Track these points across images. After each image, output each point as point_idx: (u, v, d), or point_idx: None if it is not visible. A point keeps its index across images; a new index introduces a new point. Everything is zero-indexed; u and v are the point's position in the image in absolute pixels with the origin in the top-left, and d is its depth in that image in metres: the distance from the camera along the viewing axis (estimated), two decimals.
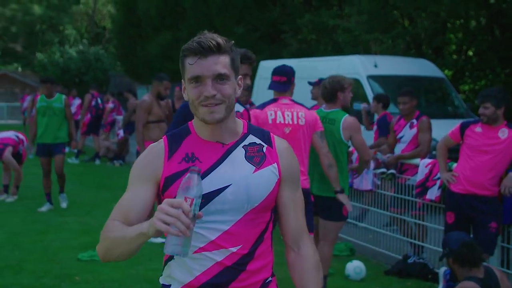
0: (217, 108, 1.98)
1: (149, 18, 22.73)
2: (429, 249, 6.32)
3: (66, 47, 36.66)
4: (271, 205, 2.08)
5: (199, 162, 2.01)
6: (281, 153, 2.12)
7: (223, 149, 2.05)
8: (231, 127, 2.08)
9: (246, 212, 2.01)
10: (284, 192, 2.11)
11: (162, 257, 2.07)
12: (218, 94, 1.97)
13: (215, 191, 1.98)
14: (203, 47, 1.96)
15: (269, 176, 2.06)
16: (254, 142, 2.10)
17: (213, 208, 1.97)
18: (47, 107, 8.85)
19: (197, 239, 1.95)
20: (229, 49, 2.01)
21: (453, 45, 16.95)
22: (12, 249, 6.70)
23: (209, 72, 1.96)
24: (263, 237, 2.07)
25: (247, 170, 2.03)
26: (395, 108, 9.95)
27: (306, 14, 17.27)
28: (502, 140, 5.08)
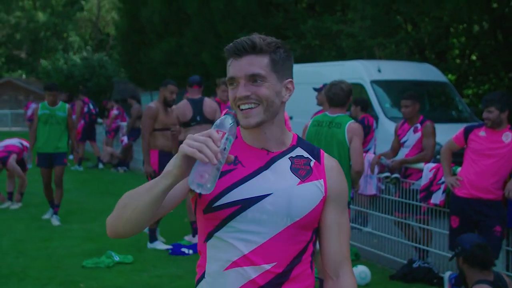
0: (253, 112, 1.88)
1: (152, 24, 22.79)
2: (434, 254, 6.31)
3: (70, 54, 36.84)
4: (313, 224, 1.95)
5: (242, 166, 1.91)
6: (329, 171, 1.99)
7: (268, 156, 1.94)
8: (277, 135, 1.96)
9: (286, 227, 1.88)
10: (328, 213, 1.97)
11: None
12: (252, 95, 1.87)
13: (253, 198, 1.86)
14: (237, 48, 1.89)
15: (314, 191, 1.93)
16: (302, 155, 1.98)
17: (250, 216, 1.86)
18: (50, 115, 8.51)
19: (229, 251, 1.86)
20: (269, 49, 1.90)
21: (456, 49, 16.95)
22: (16, 256, 6.70)
23: (242, 72, 1.88)
24: (301, 257, 1.93)
25: (291, 182, 1.91)
26: (398, 113, 9.96)
27: (309, 19, 17.29)
28: (506, 144, 5.09)
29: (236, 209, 1.85)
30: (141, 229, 1.84)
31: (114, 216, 1.84)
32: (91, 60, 35.52)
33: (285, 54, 1.95)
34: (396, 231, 6.81)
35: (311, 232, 1.96)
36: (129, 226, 1.82)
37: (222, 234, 1.88)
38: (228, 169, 1.89)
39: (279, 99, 1.93)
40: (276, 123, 1.95)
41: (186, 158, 1.70)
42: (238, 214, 1.85)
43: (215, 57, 18.82)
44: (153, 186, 1.76)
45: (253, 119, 1.88)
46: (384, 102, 10.47)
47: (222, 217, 1.87)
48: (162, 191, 1.75)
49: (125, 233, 1.85)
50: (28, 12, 45.62)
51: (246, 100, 1.87)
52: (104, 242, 7.26)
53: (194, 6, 20.20)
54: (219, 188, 1.86)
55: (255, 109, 1.88)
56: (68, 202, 9.63)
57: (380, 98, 10.40)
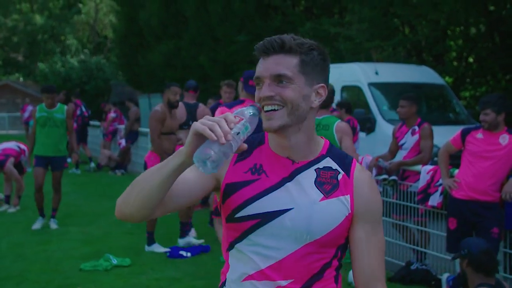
0: (276, 114, 1.78)
1: (150, 27, 22.78)
2: (432, 256, 6.32)
3: (68, 57, 36.81)
4: (337, 241, 1.85)
5: (266, 176, 1.83)
6: (358, 185, 1.86)
7: (292, 167, 1.84)
8: (303, 143, 1.85)
9: (305, 244, 1.79)
10: (357, 230, 1.86)
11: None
12: (276, 96, 1.78)
13: (273, 212, 1.79)
14: (265, 46, 1.80)
15: (338, 208, 1.82)
16: (330, 167, 1.87)
17: (269, 231, 1.79)
18: (48, 117, 8.25)
19: (247, 264, 1.82)
20: (300, 49, 1.81)
21: (454, 52, 16.99)
22: (14, 260, 6.70)
23: (267, 72, 1.79)
24: (323, 274, 1.84)
25: (313, 197, 1.81)
26: (395, 115, 9.98)
27: (307, 22, 17.32)
28: (503, 146, 5.11)
29: (256, 222, 1.80)
30: (148, 211, 1.74)
31: (123, 196, 1.78)
32: (88, 63, 35.49)
33: (320, 57, 1.86)
34: (394, 233, 6.82)
35: (335, 249, 1.86)
36: (136, 207, 1.73)
37: (241, 246, 1.84)
38: (252, 179, 1.83)
39: (307, 103, 1.82)
40: (303, 129, 1.84)
41: (197, 136, 1.63)
42: (258, 228, 1.80)
43: (213, 60, 18.84)
44: (164, 164, 1.70)
45: (275, 121, 1.78)
46: (382, 104, 10.49)
47: (242, 229, 1.83)
48: (173, 170, 1.68)
49: (131, 214, 1.76)
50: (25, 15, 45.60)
51: (269, 101, 1.78)
52: (102, 245, 7.26)
53: (192, 9, 20.21)
54: (242, 198, 1.82)
55: (278, 111, 1.78)
56: (66, 205, 9.62)
57: (377, 101, 10.41)
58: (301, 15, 18.89)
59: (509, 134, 5.13)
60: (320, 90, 1.86)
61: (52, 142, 8.22)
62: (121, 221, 8.29)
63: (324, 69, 1.89)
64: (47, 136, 8.21)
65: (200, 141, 1.63)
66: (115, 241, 7.54)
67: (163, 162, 1.71)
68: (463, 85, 16.84)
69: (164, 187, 1.70)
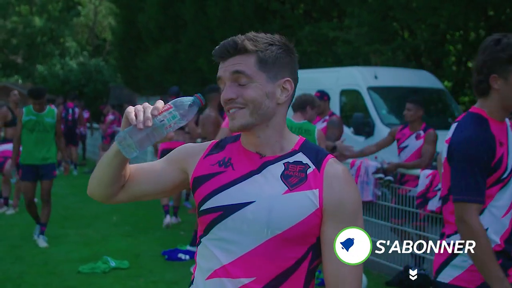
0: (239, 113, 1.77)
1: (149, 30, 22.79)
2: (430, 260, 6.31)
3: (67, 59, 36.79)
4: (305, 239, 1.75)
5: (232, 169, 1.81)
6: (329, 179, 1.77)
7: (260, 161, 1.81)
8: (273, 139, 1.82)
9: (267, 239, 1.72)
10: (326, 228, 1.75)
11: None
12: (238, 99, 1.76)
13: (236, 205, 1.75)
14: (220, 50, 1.80)
15: (303, 202, 1.74)
16: (300, 161, 1.81)
17: (231, 224, 1.75)
18: (37, 121, 7.48)
19: (210, 259, 1.78)
20: (255, 47, 1.77)
21: (453, 56, 17.00)
22: (12, 262, 6.68)
23: (225, 73, 1.79)
24: (288, 276, 1.74)
25: (276, 190, 1.75)
26: (395, 119, 9.99)
27: (306, 26, 17.34)
28: None
29: (218, 215, 1.77)
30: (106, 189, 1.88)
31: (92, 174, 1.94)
32: (87, 66, 35.50)
33: (280, 51, 1.81)
34: (392, 237, 6.82)
35: (306, 248, 1.76)
36: (94, 184, 1.90)
37: (206, 241, 1.81)
38: (217, 171, 1.82)
39: (272, 100, 1.79)
40: (271, 126, 1.81)
41: (126, 120, 1.73)
42: (220, 221, 1.76)
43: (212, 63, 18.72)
44: (110, 148, 1.83)
45: (237, 121, 1.77)
46: (381, 108, 10.50)
47: (206, 222, 1.80)
48: (113, 154, 1.80)
49: (94, 190, 1.92)
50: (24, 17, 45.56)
51: (232, 104, 1.78)
52: (100, 247, 7.25)
53: (190, 12, 20.22)
54: (206, 191, 1.81)
55: (240, 111, 1.77)
56: (64, 208, 9.61)
57: (376, 105, 10.42)
58: (300, 19, 18.90)
59: None
60: (286, 85, 1.82)
61: (41, 149, 7.49)
62: (120, 224, 8.32)
63: (288, 63, 1.84)
64: (35, 142, 7.47)
65: (129, 124, 1.72)
66: (113, 244, 7.53)
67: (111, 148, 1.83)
68: (462, 89, 16.85)
69: (110, 169, 1.82)
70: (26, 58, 46.31)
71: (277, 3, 18.49)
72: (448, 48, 16.25)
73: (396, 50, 15.12)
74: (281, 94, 1.81)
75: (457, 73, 15.80)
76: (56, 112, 7.72)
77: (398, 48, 15.12)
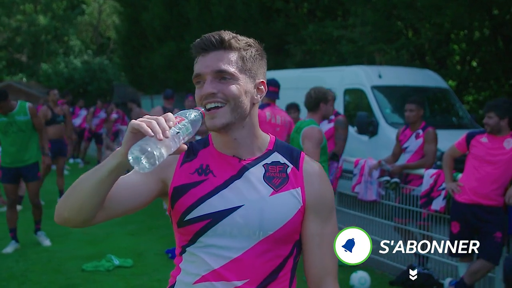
0: (219, 112, 1.74)
1: (153, 28, 22.82)
2: (434, 260, 6.30)
3: (71, 58, 36.88)
4: (292, 236, 1.80)
5: (213, 176, 1.79)
6: (309, 177, 1.83)
7: (239, 164, 1.80)
8: (248, 141, 1.82)
9: (259, 241, 1.74)
10: (309, 223, 1.81)
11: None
12: (219, 94, 1.73)
13: (224, 211, 1.74)
14: (204, 43, 1.77)
15: (289, 201, 1.78)
16: (278, 161, 1.84)
17: (220, 230, 1.74)
18: (9, 123, 6.88)
19: (199, 265, 1.77)
20: (239, 46, 1.78)
21: (457, 55, 16.97)
22: (16, 260, 6.70)
23: (208, 68, 1.75)
24: (277, 274, 1.78)
25: (263, 192, 1.77)
26: (398, 119, 9.97)
27: (310, 25, 17.32)
28: (507, 150, 5.11)
29: (207, 223, 1.75)
30: (86, 215, 1.65)
31: (62, 198, 1.68)
32: (91, 64, 35.60)
33: (257, 53, 1.83)
34: (396, 237, 6.81)
35: (291, 245, 1.81)
36: (74, 210, 1.64)
37: (194, 249, 1.79)
38: (199, 180, 1.79)
39: (249, 100, 1.79)
40: (246, 126, 1.81)
41: (133, 134, 1.54)
42: (209, 229, 1.74)
43: None
44: (101, 166, 1.61)
45: (219, 119, 1.74)
46: (385, 107, 10.48)
47: (193, 231, 1.77)
48: (109, 171, 1.58)
49: (70, 217, 1.67)
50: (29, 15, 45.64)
51: (212, 99, 1.74)
52: (104, 245, 7.26)
53: (195, 11, 20.24)
54: (191, 200, 1.77)
55: (221, 109, 1.74)
56: None
57: (380, 104, 10.41)
58: (304, 18, 18.90)
59: None
60: (261, 86, 1.84)
61: (20, 151, 6.97)
62: (124, 222, 8.34)
63: (262, 66, 1.86)
64: (11, 145, 6.93)
65: (137, 139, 1.54)
66: (117, 242, 7.55)
67: (100, 164, 1.62)
68: (466, 89, 16.83)
69: (100, 190, 1.61)
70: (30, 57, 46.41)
71: (281, 2, 18.48)
72: (452, 47, 16.22)
73: (400, 49, 15.10)
74: (256, 95, 1.83)
75: (461, 72, 15.77)
76: (28, 106, 7.04)
77: (402, 47, 15.10)
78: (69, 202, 1.65)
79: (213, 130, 1.77)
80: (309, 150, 5.21)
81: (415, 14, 14.09)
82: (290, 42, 18.02)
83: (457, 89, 15.69)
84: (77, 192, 1.63)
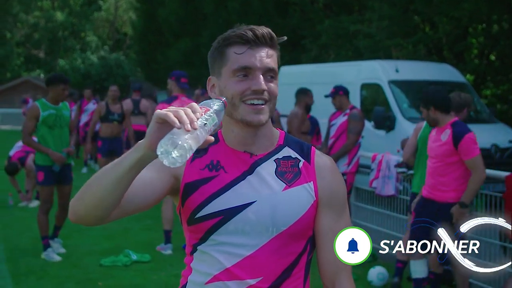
0: (264, 108, 1.71)
1: (169, 24, 22.88)
2: None
3: (88, 53, 37.07)
4: (305, 232, 1.77)
5: (225, 172, 1.75)
6: (320, 171, 1.80)
7: (251, 160, 1.77)
8: (265, 136, 1.80)
9: (272, 237, 1.71)
10: (322, 218, 1.78)
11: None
12: (265, 92, 1.71)
13: (236, 208, 1.71)
14: (257, 36, 1.71)
15: (303, 196, 1.75)
16: (289, 156, 1.81)
17: (232, 228, 1.70)
18: (57, 116, 6.45)
19: (211, 264, 1.74)
20: (277, 45, 1.78)
21: (475, 49, 16.81)
22: (35, 255, 6.75)
23: (262, 64, 1.70)
24: (291, 272, 1.75)
25: (276, 187, 1.74)
26: (416, 113, 9.90)
27: (326, 19, 17.25)
28: (442, 143, 4.87)
29: (218, 220, 1.71)
30: (103, 212, 1.57)
31: (77, 195, 1.60)
32: (108, 60, 35.73)
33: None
34: None
35: (305, 241, 1.78)
36: (90, 207, 1.56)
37: (205, 248, 1.76)
38: (210, 176, 1.75)
39: None
40: (267, 123, 1.79)
41: (159, 124, 1.46)
42: (221, 226, 1.71)
43: None
44: (122, 159, 1.52)
45: (264, 116, 1.72)
46: (402, 102, 10.42)
47: (204, 229, 1.74)
48: (130, 166, 1.50)
49: (87, 215, 1.59)
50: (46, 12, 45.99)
51: (261, 95, 1.70)
52: (121, 240, 7.30)
53: (210, 6, 20.26)
54: (202, 197, 1.73)
55: (265, 106, 1.72)
56: None
57: (397, 98, 10.34)
58: (319, 13, 18.82)
59: (452, 129, 4.83)
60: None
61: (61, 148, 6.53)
62: (141, 217, 8.37)
63: None
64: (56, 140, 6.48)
65: (162, 130, 1.45)
66: (135, 237, 7.58)
67: (120, 158, 1.54)
68: (484, 83, 16.67)
69: (121, 186, 1.53)
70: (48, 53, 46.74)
71: None
72: (470, 41, 16.07)
73: (418, 44, 14.99)
74: None
75: (479, 66, 15.62)
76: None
77: (419, 41, 14.99)
78: (86, 199, 1.57)
79: (257, 125, 1.73)
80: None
81: (432, 8, 13.98)
82: (305, 37, 17.96)
83: (475, 83, 15.54)
84: (95, 189, 1.55)
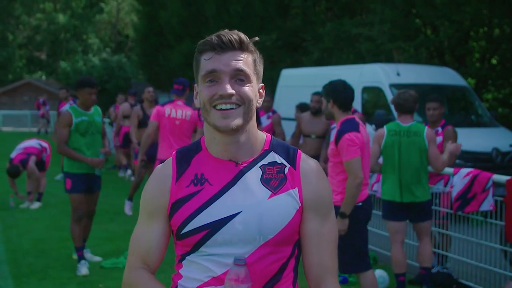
0: (233, 112, 1.70)
1: (171, 26, 22.90)
2: (453, 259, 6.26)
3: (89, 56, 37.15)
4: (292, 238, 1.77)
5: (209, 184, 1.75)
6: (305, 176, 1.79)
7: (236, 169, 1.76)
8: (249, 142, 1.78)
9: (259, 246, 1.71)
10: (307, 222, 1.78)
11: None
12: (236, 96, 1.70)
13: (222, 220, 1.71)
14: (222, 41, 1.71)
15: (288, 203, 1.75)
16: (275, 162, 1.79)
17: (220, 239, 1.71)
18: (89, 123, 6.20)
19: (202, 271, 1.75)
20: (252, 48, 1.77)
21: (477, 53, 16.81)
22: (37, 256, 6.77)
23: (227, 67, 1.70)
24: (280, 276, 1.76)
25: (261, 196, 1.73)
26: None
27: (328, 22, 17.27)
28: (331, 141, 4.66)
29: (205, 233, 1.72)
30: None
31: None
32: (110, 62, 35.81)
33: (261, 57, 1.83)
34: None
35: (292, 246, 1.78)
36: None
37: (194, 258, 1.77)
38: (194, 191, 1.75)
39: (256, 103, 1.78)
40: (249, 129, 1.77)
41: None
42: (209, 239, 1.72)
43: None
44: None
45: (233, 120, 1.70)
46: None
47: (192, 243, 1.75)
48: None
49: None
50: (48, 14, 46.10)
51: (228, 100, 1.70)
52: (122, 242, 7.31)
53: (212, 9, 20.28)
54: (185, 213, 1.74)
55: (236, 110, 1.71)
56: None
57: None
58: (321, 15, 18.84)
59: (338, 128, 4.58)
60: (261, 90, 1.84)
61: (93, 154, 6.23)
62: None
63: (262, 70, 1.85)
64: (88, 147, 6.19)
65: None
66: None
67: None
68: (486, 87, 16.66)
69: None
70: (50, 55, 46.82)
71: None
72: (471, 45, 16.08)
73: (419, 47, 15.00)
74: (259, 99, 1.82)
75: (480, 70, 15.62)
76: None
77: (421, 45, 15.00)
78: None
79: (225, 130, 1.71)
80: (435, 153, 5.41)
81: (434, 11, 13.99)
82: (307, 39, 17.98)
83: (476, 87, 15.54)
84: None
